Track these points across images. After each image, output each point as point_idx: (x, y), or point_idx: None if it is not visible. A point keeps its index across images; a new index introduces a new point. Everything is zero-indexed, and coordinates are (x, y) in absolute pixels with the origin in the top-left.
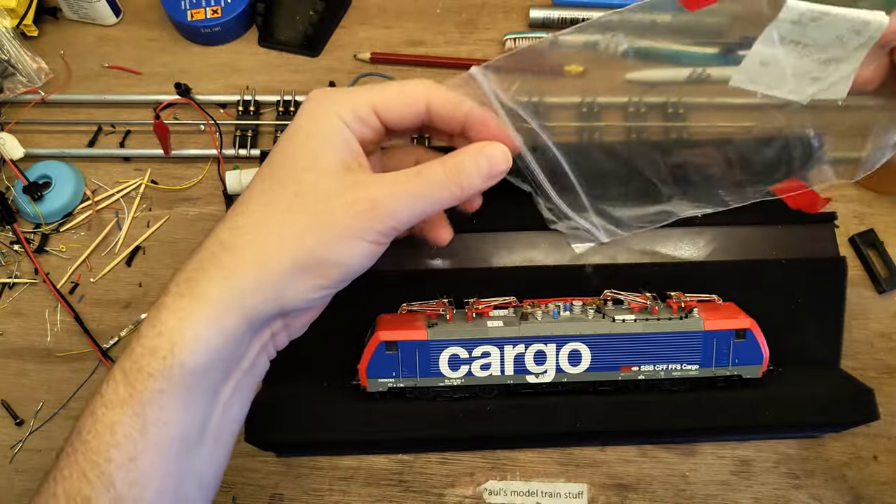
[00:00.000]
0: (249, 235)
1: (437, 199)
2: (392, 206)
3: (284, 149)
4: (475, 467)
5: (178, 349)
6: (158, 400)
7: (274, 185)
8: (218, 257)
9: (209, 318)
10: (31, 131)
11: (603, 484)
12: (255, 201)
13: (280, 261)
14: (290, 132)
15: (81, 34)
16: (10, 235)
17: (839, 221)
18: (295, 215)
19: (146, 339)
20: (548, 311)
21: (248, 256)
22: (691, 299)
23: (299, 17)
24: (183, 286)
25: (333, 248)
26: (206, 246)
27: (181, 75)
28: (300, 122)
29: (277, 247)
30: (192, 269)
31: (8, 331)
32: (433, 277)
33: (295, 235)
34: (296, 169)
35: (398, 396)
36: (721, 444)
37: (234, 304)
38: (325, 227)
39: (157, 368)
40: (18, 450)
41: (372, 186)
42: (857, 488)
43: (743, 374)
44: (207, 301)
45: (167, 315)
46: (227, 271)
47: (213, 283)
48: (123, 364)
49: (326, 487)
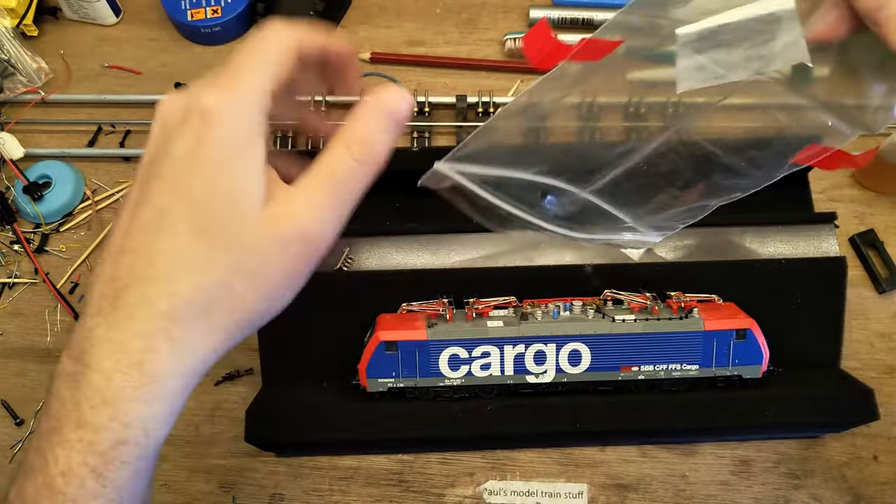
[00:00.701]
0: (195, 306)
1: (360, 191)
2: (325, 232)
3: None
4: (475, 467)
5: (152, 431)
6: (133, 480)
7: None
8: (169, 334)
9: (176, 391)
10: (31, 131)
11: (603, 484)
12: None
13: (232, 327)
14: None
15: (81, 34)
16: (10, 235)
17: (839, 221)
18: (235, 274)
19: (110, 431)
20: (548, 311)
21: (199, 329)
22: (691, 299)
23: (299, 16)
24: (136, 371)
25: (279, 297)
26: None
27: (181, 75)
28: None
29: (226, 314)
30: (140, 351)
31: (8, 331)
32: (433, 277)
33: (241, 299)
34: (223, 216)
35: (398, 396)
36: (721, 444)
37: (194, 370)
38: (267, 279)
39: (132, 455)
40: (18, 450)
41: (297, 214)
42: (857, 488)
43: (743, 375)
44: (171, 379)
45: (130, 406)
46: (181, 347)
47: (172, 362)
48: (86, 460)
49: (326, 487)
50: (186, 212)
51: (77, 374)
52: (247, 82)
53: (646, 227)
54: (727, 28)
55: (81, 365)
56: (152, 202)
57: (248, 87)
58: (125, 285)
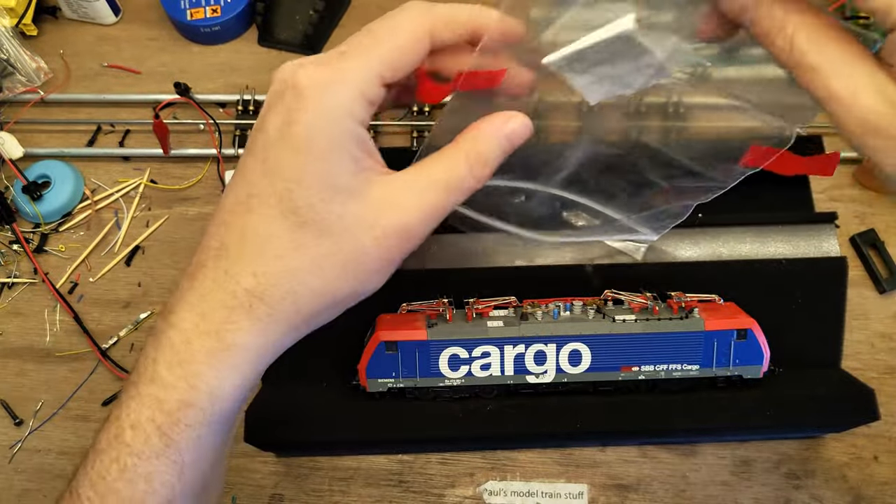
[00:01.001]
0: (280, 286)
1: (461, 201)
2: (423, 229)
3: (289, 170)
4: (475, 468)
5: (218, 399)
6: (196, 446)
7: (292, 222)
8: (251, 310)
9: (248, 364)
10: (30, 131)
11: (603, 484)
12: (275, 242)
13: (316, 306)
14: (291, 147)
15: (81, 33)
16: (9, 235)
17: (839, 221)
18: (326, 259)
19: (178, 391)
20: (548, 311)
21: (283, 308)
22: (692, 299)
23: (299, 16)
24: (213, 339)
25: (367, 282)
26: (227, 288)
27: (181, 75)
28: (302, 133)
29: (313, 294)
30: (220, 321)
31: (7, 330)
32: (433, 277)
33: (330, 280)
34: (312, 200)
35: (398, 396)
36: (721, 445)
37: (270, 347)
38: (359, 265)
39: (196, 419)
40: (18, 450)
41: (403, 209)
42: (857, 489)
43: (743, 375)
44: (244, 350)
45: (201, 369)
46: (262, 324)
47: (251, 335)
48: (154, 416)
49: (326, 487)
50: (276, 193)
51: (161, 332)
52: (351, 65)
53: (640, 226)
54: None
55: (166, 324)
56: (246, 177)
57: (351, 70)
58: (216, 256)
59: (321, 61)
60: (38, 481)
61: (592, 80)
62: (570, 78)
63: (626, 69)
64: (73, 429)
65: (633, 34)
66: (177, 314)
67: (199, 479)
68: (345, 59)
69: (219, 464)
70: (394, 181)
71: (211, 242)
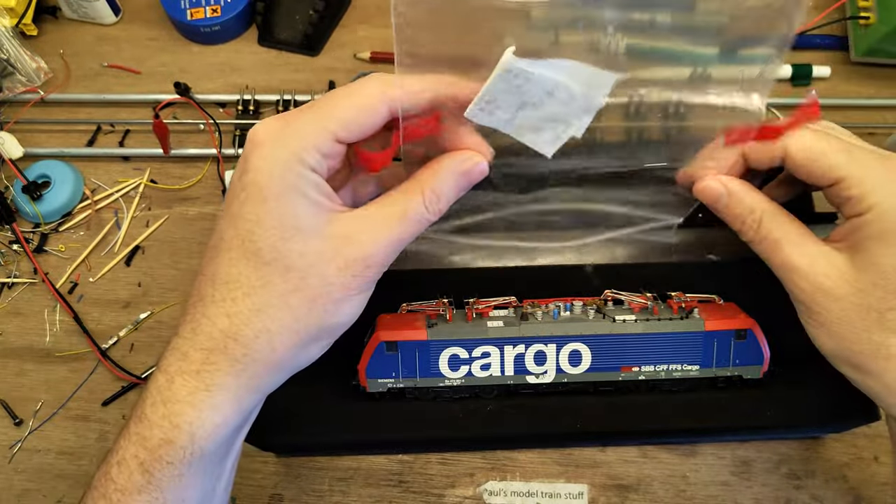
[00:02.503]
0: (252, 324)
1: (418, 232)
2: (383, 257)
3: (249, 214)
4: (475, 468)
5: (198, 438)
6: (177, 484)
7: (256, 262)
8: (227, 351)
9: (229, 404)
10: (30, 131)
11: (603, 485)
12: (242, 282)
13: (290, 342)
14: (247, 193)
15: (81, 33)
16: (9, 235)
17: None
18: (293, 294)
19: (160, 429)
20: (548, 311)
21: (258, 346)
22: (692, 299)
23: (299, 16)
24: (194, 379)
25: (336, 313)
26: (204, 330)
27: (181, 74)
28: (257, 179)
29: (285, 330)
30: (200, 362)
31: (7, 330)
32: (433, 277)
33: (300, 315)
34: (273, 240)
35: (398, 397)
36: (722, 445)
37: (251, 387)
38: (326, 297)
39: (177, 457)
40: (17, 450)
41: (361, 240)
42: (857, 489)
43: (744, 375)
44: (224, 390)
45: (182, 408)
46: (240, 364)
47: (229, 376)
48: (137, 452)
49: (326, 488)
50: (239, 235)
51: (151, 375)
52: (305, 119)
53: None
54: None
55: (157, 367)
56: (217, 227)
57: (304, 122)
58: (194, 303)
59: (279, 117)
60: (37, 481)
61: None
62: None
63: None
64: (73, 429)
65: (515, 64)
66: (165, 358)
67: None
68: (300, 115)
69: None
70: (352, 217)
71: (193, 292)
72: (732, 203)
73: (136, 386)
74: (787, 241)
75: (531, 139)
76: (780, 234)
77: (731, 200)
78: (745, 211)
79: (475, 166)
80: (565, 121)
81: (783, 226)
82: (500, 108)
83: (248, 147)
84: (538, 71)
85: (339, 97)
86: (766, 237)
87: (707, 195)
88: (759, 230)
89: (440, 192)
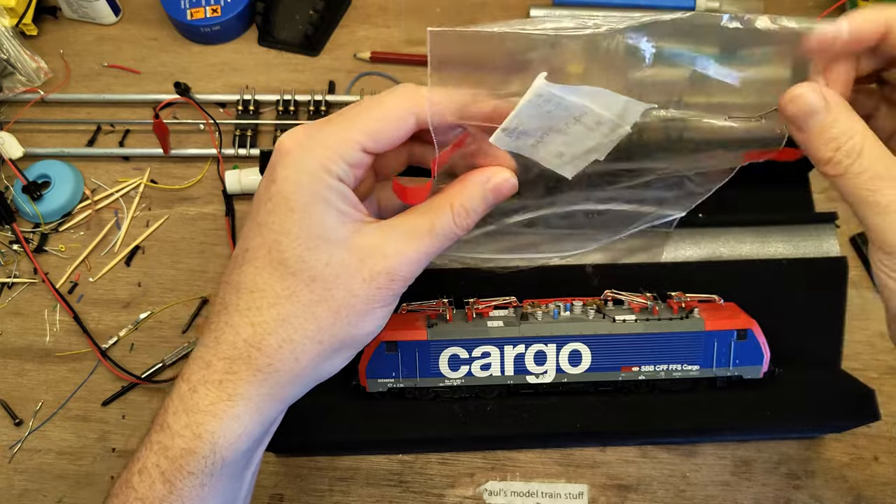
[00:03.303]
0: (276, 334)
1: (444, 247)
2: (408, 271)
3: (275, 224)
4: (475, 468)
5: (220, 448)
6: (199, 493)
7: (282, 272)
8: (250, 360)
9: (250, 415)
10: (30, 130)
11: (603, 485)
12: (268, 291)
13: (313, 353)
14: (274, 202)
15: (81, 33)
16: (9, 235)
17: (840, 221)
18: (317, 305)
19: (182, 438)
20: (548, 311)
21: (281, 357)
22: (692, 299)
23: (299, 16)
24: (216, 388)
25: (360, 325)
26: (227, 339)
27: (181, 74)
28: (284, 188)
29: (308, 340)
30: (222, 371)
31: (7, 330)
32: (433, 277)
33: (324, 326)
34: (299, 250)
35: (398, 397)
36: (722, 445)
37: (272, 397)
38: (351, 308)
39: (199, 467)
40: (17, 450)
41: (387, 253)
42: (857, 489)
43: (744, 375)
44: (247, 401)
45: (204, 417)
46: (262, 374)
47: (251, 386)
48: (159, 462)
49: (326, 487)
50: (266, 244)
51: (174, 384)
52: (332, 129)
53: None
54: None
55: (179, 377)
56: (243, 236)
57: (331, 133)
58: (218, 311)
59: (307, 126)
60: (37, 481)
61: (554, 154)
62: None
63: (578, 134)
64: (73, 429)
65: (547, 89)
66: (188, 367)
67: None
68: (328, 125)
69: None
70: (379, 229)
71: (216, 300)
72: (830, 121)
73: (136, 386)
74: (893, 180)
75: (553, 163)
76: (884, 169)
77: (828, 118)
78: (843, 134)
79: (505, 182)
80: (589, 146)
81: (888, 160)
82: (527, 132)
83: (276, 156)
84: (569, 97)
85: (367, 107)
86: (866, 170)
87: (799, 107)
88: (857, 161)
89: (469, 207)
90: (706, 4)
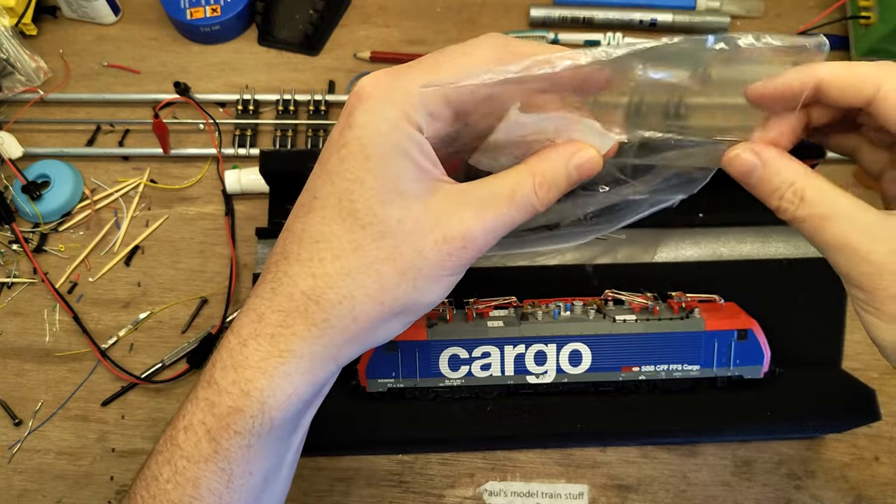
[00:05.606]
0: (338, 289)
1: (521, 221)
2: (483, 240)
3: (349, 172)
4: (475, 468)
5: (269, 408)
6: (245, 455)
7: (351, 224)
8: (306, 314)
9: (301, 374)
10: (29, 130)
11: (603, 485)
12: (334, 242)
13: (373, 313)
14: (349, 149)
15: (80, 33)
16: (8, 235)
17: None
18: (384, 263)
19: (229, 396)
20: (548, 311)
21: (339, 313)
22: (692, 299)
23: (299, 15)
24: (267, 343)
25: (426, 291)
26: (285, 290)
27: (180, 74)
28: (361, 135)
29: (370, 300)
30: (276, 324)
31: (7, 330)
32: None
33: (388, 286)
34: (372, 202)
35: (398, 397)
36: (722, 445)
37: (326, 356)
38: (418, 272)
39: (246, 427)
40: (17, 450)
41: (463, 216)
42: (858, 489)
43: (744, 375)
44: (299, 358)
45: (253, 374)
46: (318, 329)
47: (305, 342)
48: (205, 419)
49: (326, 487)
50: (336, 193)
51: (224, 337)
52: (415, 76)
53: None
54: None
55: (229, 329)
56: (311, 182)
57: (414, 80)
58: (277, 260)
59: (389, 71)
60: (37, 481)
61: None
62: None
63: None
64: (73, 429)
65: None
66: (239, 319)
67: (250, 493)
68: (410, 71)
69: (273, 479)
70: (457, 190)
71: (275, 249)
72: (768, 175)
73: (135, 386)
74: (837, 217)
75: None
76: (827, 208)
77: (766, 172)
78: (783, 184)
79: (589, 160)
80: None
81: (830, 198)
82: (504, 155)
83: (353, 100)
84: (539, 122)
85: (452, 54)
86: (810, 214)
87: (737, 168)
88: (801, 206)
89: (552, 180)
90: (706, 4)
